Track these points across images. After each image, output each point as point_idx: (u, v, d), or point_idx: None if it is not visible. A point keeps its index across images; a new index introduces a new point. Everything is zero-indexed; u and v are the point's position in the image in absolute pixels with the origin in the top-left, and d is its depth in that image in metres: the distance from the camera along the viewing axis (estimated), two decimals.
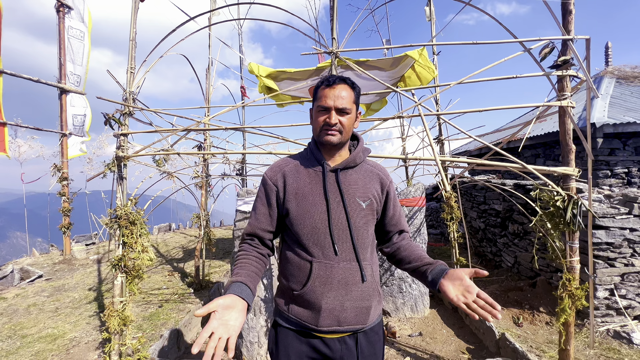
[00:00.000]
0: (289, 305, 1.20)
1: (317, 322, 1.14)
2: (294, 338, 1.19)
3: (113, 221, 2.38)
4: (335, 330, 1.15)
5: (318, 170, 1.23)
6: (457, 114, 2.54)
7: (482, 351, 3.08)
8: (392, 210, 1.31)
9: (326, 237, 1.16)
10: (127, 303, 2.44)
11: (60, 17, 5.94)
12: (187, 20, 2.67)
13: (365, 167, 1.28)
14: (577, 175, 2.11)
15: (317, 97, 1.19)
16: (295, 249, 1.21)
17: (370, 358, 1.21)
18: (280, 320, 1.23)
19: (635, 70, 7.01)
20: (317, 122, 1.19)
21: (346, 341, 1.18)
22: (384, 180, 1.29)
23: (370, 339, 1.22)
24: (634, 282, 3.17)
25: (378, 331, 1.26)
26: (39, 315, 3.70)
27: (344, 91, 1.16)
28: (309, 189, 1.19)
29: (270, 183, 1.23)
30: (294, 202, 1.19)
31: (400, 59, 3.85)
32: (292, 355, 1.18)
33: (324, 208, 1.17)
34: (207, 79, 4.47)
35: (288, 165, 1.26)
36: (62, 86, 5.94)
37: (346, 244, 1.17)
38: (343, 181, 1.21)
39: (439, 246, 6.79)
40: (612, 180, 5.20)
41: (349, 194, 1.20)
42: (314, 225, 1.16)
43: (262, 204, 1.25)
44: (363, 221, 1.20)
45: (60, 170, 5.98)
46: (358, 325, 1.17)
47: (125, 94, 2.41)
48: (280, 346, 1.20)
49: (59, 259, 5.96)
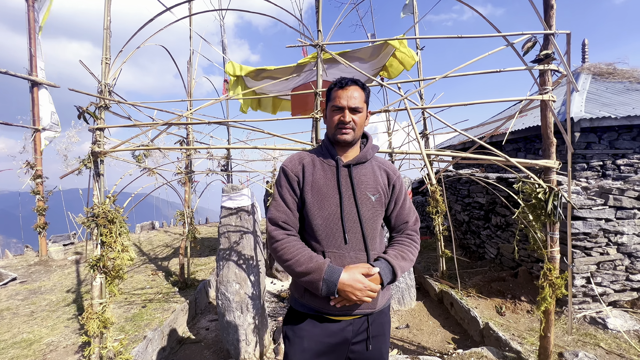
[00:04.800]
0: (303, 293, 1.28)
1: (329, 307, 1.22)
2: (308, 322, 1.28)
3: (90, 220, 2.27)
4: (346, 314, 1.24)
5: (332, 165, 1.31)
6: (442, 107, 2.55)
7: (467, 340, 3.15)
8: (399, 204, 1.39)
9: (338, 228, 1.24)
10: (107, 305, 2.35)
11: (30, 5, 5.61)
12: (163, 11, 2.56)
13: (374, 163, 1.38)
14: (558, 167, 2.17)
15: (331, 98, 1.30)
16: (308, 240, 1.29)
17: (380, 338, 1.32)
18: (297, 306, 1.33)
19: (610, 67, 7.28)
20: (332, 120, 1.29)
21: (357, 323, 1.27)
22: (391, 175, 1.39)
23: (378, 321, 1.32)
24: (609, 270, 3.31)
25: (387, 313, 1.37)
26: (13, 319, 3.52)
27: (356, 92, 1.27)
28: (324, 182, 1.28)
29: (292, 174, 1.30)
30: (310, 193, 1.27)
31: (381, 46, 3.85)
32: (306, 338, 1.26)
33: (337, 200, 1.26)
34: (189, 72, 4.33)
35: (305, 158, 1.34)
36: (34, 79, 5.62)
37: (356, 235, 1.26)
38: (355, 176, 1.30)
39: (424, 239, 6.90)
40: (588, 173, 5.41)
41: (360, 188, 1.29)
42: (327, 216, 1.25)
43: (289, 194, 1.29)
44: (372, 213, 1.29)
45: (33, 168, 5.69)
46: (367, 309, 1.26)
47: (100, 86, 2.29)
48: (296, 329, 1.30)
49: (34, 261, 5.70)
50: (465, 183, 5.70)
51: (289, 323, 1.34)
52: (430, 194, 4.06)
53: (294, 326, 1.31)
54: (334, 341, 1.26)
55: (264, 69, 4.17)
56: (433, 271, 4.68)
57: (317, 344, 1.26)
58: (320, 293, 1.17)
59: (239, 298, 2.91)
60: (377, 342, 1.31)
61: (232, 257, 2.96)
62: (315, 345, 1.26)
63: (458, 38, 2.21)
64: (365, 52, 4.02)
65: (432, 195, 4.02)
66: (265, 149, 3.29)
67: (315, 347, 1.26)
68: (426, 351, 2.99)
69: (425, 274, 4.60)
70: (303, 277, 1.18)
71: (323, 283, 1.15)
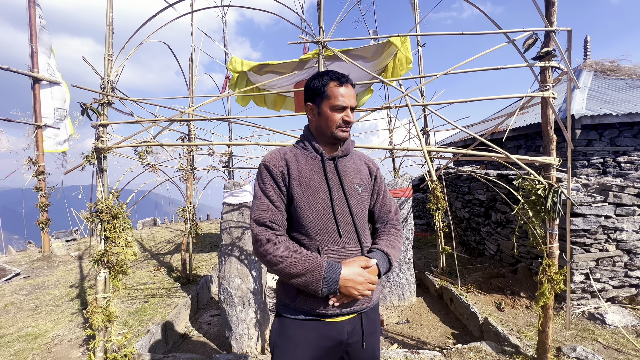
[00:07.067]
0: (295, 296, 1.20)
1: (326, 307, 1.17)
2: (300, 328, 1.20)
3: (94, 215, 2.30)
4: (343, 313, 1.20)
5: (317, 159, 1.28)
6: (443, 104, 2.56)
7: (467, 336, 3.18)
8: (381, 195, 1.41)
9: (331, 222, 1.21)
10: (111, 299, 2.38)
11: (31, 2, 5.60)
12: (165, 7, 2.57)
13: (354, 156, 1.39)
14: (558, 164, 2.18)
15: (331, 95, 1.23)
16: (299, 237, 1.22)
17: (373, 335, 1.30)
18: (286, 312, 1.24)
19: (613, 64, 7.25)
20: (333, 119, 1.24)
21: (352, 322, 1.23)
22: (372, 167, 1.42)
23: (371, 317, 1.29)
24: (608, 267, 3.34)
25: (377, 309, 1.35)
26: (18, 314, 3.56)
27: (352, 90, 1.27)
28: (311, 176, 1.23)
29: (276, 169, 1.22)
30: (298, 188, 1.21)
31: (384, 45, 3.84)
32: (300, 344, 1.19)
33: (327, 194, 1.22)
34: (191, 69, 4.33)
35: (287, 153, 1.27)
36: (35, 75, 5.63)
37: (349, 228, 1.23)
38: (341, 168, 1.29)
39: (425, 236, 6.93)
40: (588, 170, 5.41)
41: (347, 180, 1.28)
42: (318, 211, 1.20)
43: (274, 191, 1.21)
44: (360, 205, 1.29)
45: (35, 164, 5.72)
46: (363, 305, 1.23)
47: (103, 83, 2.30)
48: (286, 337, 1.22)
49: (37, 256, 5.74)
50: (466, 180, 5.71)
51: (278, 332, 1.24)
52: (431, 191, 4.07)
53: (284, 334, 1.22)
54: (330, 344, 1.21)
55: (266, 63, 4.17)
56: (433, 267, 4.70)
57: (313, 350, 1.19)
58: (321, 293, 1.10)
59: (241, 293, 2.94)
60: (371, 339, 1.28)
61: (234, 253, 2.99)
62: (312, 351, 1.19)
63: (459, 35, 2.22)
64: (369, 51, 4.01)
65: (433, 192, 4.04)
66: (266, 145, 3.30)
67: (311, 353, 1.19)
68: (426, 346, 3.03)
69: (425, 270, 4.63)
70: (299, 278, 1.11)
71: (323, 282, 1.10)
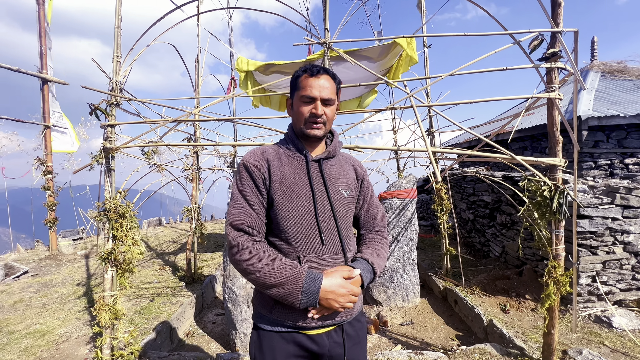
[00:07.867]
0: (272, 306, 1.13)
1: (305, 320, 1.10)
2: (279, 339, 1.13)
3: (102, 214, 2.33)
4: (323, 325, 1.12)
5: (301, 160, 1.18)
6: (449, 105, 2.56)
7: (471, 337, 3.17)
8: (367, 199, 1.33)
9: (313, 228, 1.12)
10: (118, 297, 2.41)
11: (40, 4, 5.70)
12: (173, 9, 2.60)
13: (341, 158, 1.30)
14: (564, 166, 2.17)
15: (300, 86, 1.15)
16: (278, 244, 1.14)
17: (356, 346, 1.21)
18: (263, 324, 1.16)
19: (621, 65, 7.18)
20: (301, 112, 1.14)
21: (332, 334, 1.15)
22: (359, 170, 1.32)
23: (354, 327, 1.21)
24: (615, 269, 3.30)
25: (361, 319, 1.27)
26: (26, 311, 3.62)
27: (328, 82, 1.14)
28: (294, 179, 1.14)
29: (256, 170, 1.12)
30: (279, 191, 1.12)
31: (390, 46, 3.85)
32: (279, 357, 1.12)
33: (310, 198, 1.13)
34: (197, 70, 4.37)
35: (269, 153, 1.18)
36: (44, 76, 5.72)
37: (333, 235, 1.15)
38: (326, 171, 1.19)
39: (429, 237, 6.91)
40: (595, 172, 5.36)
41: (332, 184, 1.18)
42: (300, 216, 1.12)
43: (253, 193, 1.12)
44: (345, 210, 1.20)
45: (44, 164, 5.81)
46: (345, 316, 1.16)
47: (111, 84, 2.34)
48: (265, 350, 1.14)
49: (45, 255, 5.83)
50: (471, 181, 5.69)
51: (256, 345, 1.16)
52: (436, 192, 4.07)
53: (262, 347, 1.14)
54: (311, 357, 1.15)
55: (273, 63, 4.20)
56: (437, 269, 4.69)
57: None
58: (299, 305, 1.03)
59: (246, 292, 2.96)
60: (354, 350, 1.20)
61: None
62: None
63: (464, 36, 2.22)
64: (374, 52, 4.02)
65: (437, 193, 4.03)
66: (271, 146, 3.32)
67: None
68: (430, 347, 3.02)
69: (429, 271, 4.62)
70: (276, 288, 1.03)
71: (302, 293, 1.02)
